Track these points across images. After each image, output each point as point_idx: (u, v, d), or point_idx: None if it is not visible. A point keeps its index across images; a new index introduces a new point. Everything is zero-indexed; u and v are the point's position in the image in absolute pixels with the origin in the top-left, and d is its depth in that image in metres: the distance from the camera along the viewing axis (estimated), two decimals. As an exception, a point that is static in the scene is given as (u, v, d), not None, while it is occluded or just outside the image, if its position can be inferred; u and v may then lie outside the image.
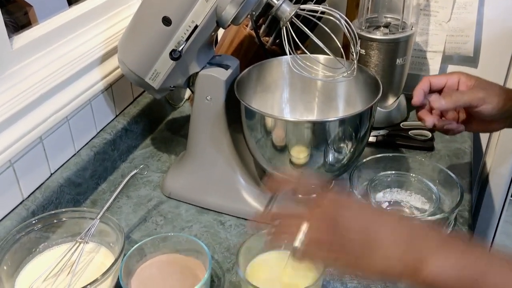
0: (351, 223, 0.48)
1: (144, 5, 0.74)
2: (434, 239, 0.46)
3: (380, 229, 0.47)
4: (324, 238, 0.48)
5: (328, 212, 0.50)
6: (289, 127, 0.71)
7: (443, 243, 0.45)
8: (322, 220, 0.49)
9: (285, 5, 0.70)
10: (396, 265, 0.45)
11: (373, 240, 0.46)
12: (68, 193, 0.79)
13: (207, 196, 0.82)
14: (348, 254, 0.47)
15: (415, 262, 0.44)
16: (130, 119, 0.94)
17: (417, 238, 0.46)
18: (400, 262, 0.45)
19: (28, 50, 0.76)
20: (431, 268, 0.43)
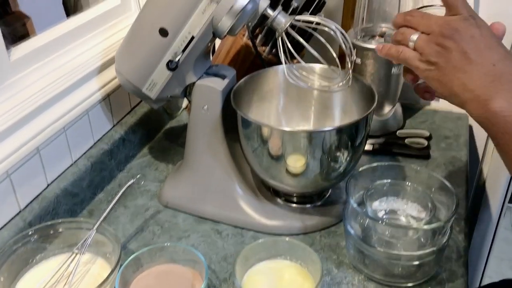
0: (471, 40, 0.50)
1: (141, 16, 0.75)
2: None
3: (484, 55, 0.49)
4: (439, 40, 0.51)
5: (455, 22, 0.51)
6: (285, 136, 0.71)
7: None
8: (448, 24, 0.51)
9: (281, 16, 0.71)
10: (475, 89, 0.49)
11: (473, 61, 0.49)
12: (65, 203, 0.79)
13: (204, 205, 0.82)
14: (447, 63, 0.50)
15: (489, 93, 0.48)
16: (128, 128, 0.94)
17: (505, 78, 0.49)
18: (479, 88, 0.49)
19: (26, 61, 0.77)
20: (499, 103, 0.47)
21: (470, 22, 0.51)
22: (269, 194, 0.83)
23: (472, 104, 0.50)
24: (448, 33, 0.50)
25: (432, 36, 0.52)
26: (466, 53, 0.49)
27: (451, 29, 0.50)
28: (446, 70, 0.51)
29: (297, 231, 0.79)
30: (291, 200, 0.82)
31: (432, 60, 0.51)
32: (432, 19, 0.53)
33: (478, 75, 0.49)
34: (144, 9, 0.74)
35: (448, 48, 0.50)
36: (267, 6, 0.71)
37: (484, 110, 0.49)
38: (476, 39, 0.50)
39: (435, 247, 0.65)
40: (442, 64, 0.51)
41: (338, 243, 0.77)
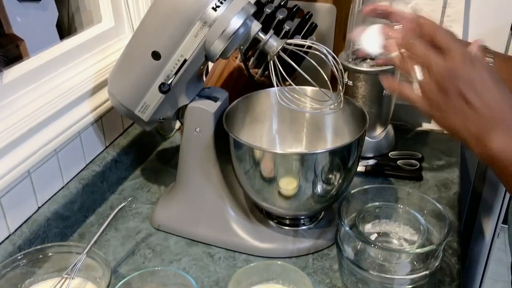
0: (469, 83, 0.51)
1: (134, 39, 0.75)
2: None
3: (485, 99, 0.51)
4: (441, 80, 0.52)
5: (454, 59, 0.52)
6: (277, 159, 0.71)
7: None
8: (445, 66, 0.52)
9: (272, 39, 0.72)
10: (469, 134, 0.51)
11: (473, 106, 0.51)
12: (55, 226, 0.78)
13: (196, 228, 0.81)
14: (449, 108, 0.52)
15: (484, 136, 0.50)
16: (120, 150, 0.94)
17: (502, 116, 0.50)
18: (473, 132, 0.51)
19: (19, 84, 0.77)
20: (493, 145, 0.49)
21: (468, 65, 0.52)
22: (261, 216, 0.83)
23: (472, 143, 0.51)
24: (448, 78, 0.52)
25: (433, 77, 0.53)
26: (466, 97, 0.51)
27: (451, 74, 0.52)
28: (447, 112, 0.52)
29: (290, 254, 0.78)
30: (284, 223, 0.82)
31: (434, 102, 0.53)
32: (433, 58, 0.53)
33: (477, 117, 0.51)
34: (137, 32, 0.75)
35: (449, 92, 0.52)
36: (259, 30, 0.71)
37: (484, 149, 0.50)
38: (475, 82, 0.51)
39: (428, 271, 0.65)
40: (443, 107, 0.52)
41: (331, 266, 0.76)
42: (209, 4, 0.68)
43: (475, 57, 0.53)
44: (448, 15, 0.98)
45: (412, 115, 1.13)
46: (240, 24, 0.68)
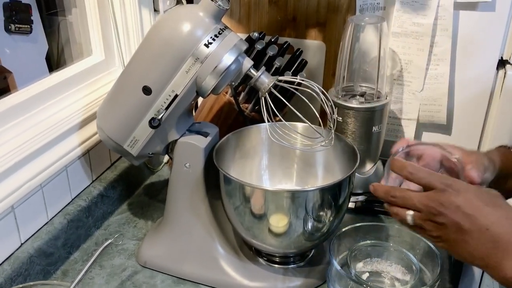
0: (457, 211, 0.51)
1: (125, 74, 0.75)
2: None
3: (478, 222, 0.50)
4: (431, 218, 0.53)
5: (437, 195, 0.53)
6: (268, 196, 0.70)
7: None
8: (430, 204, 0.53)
9: (264, 76, 0.72)
10: (483, 256, 0.50)
11: (469, 231, 0.50)
12: (38, 263, 0.76)
13: (184, 265, 0.79)
14: (447, 236, 0.52)
15: (499, 257, 0.49)
16: (107, 184, 0.92)
17: (505, 240, 0.49)
18: (487, 256, 0.50)
19: (5, 117, 0.76)
20: (508, 273, 0.48)
21: (449, 192, 0.53)
22: (251, 253, 0.81)
23: (488, 270, 0.51)
24: (435, 210, 0.52)
25: (423, 214, 0.54)
26: (459, 224, 0.51)
27: (436, 205, 0.52)
28: (449, 242, 0.52)
29: (281, 293, 0.76)
30: (274, 260, 0.80)
31: (434, 234, 0.53)
32: (414, 199, 0.55)
33: (478, 243, 0.50)
34: (128, 66, 0.75)
35: (442, 223, 0.52)
36: (251, 67, 0.72)
37: (500, 276, 0.50)
38: (462, 207, 0.51)
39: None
40: (444, 237, 0.53)
41: (322, 305, 0.75)
42: (201, 40, 0.68)
43: (453, 181, 0.54)
44: (435, 54, 1.00)
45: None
46: (232, 61, 0.69)
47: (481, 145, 1.08)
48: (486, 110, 1.03)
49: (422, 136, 1.11)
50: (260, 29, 1.02)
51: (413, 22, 0.98)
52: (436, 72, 1.01)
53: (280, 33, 1.04)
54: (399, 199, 0.57)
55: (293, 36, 1.07)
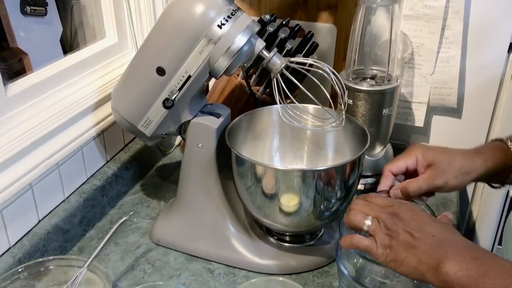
0: (411, 222, 0.58)
1: (139, 55, 0.76)
2: (458, 245, 0.55)
3: (426, 231, 0.57)
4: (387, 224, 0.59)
5: (394, 208, 0.60)
6: (279, 175, 0.72)
7: (462, 249, 0.54)
8: (388, 213, 0.60)
9: (276, 57, 0.73)
10: (424, 266, 0.55)
11: (418, 238, 0.56)
12: (55, 240, 0.78)
13: (196, 243, 0.81)
14: (399, 244, 0.57)
15: (436, 263, 0.53)
16: (121, 165, 0.94)
17: (446, 244, 0.55)
18: (427, 262, 0.54)
19: (22, 97, 0.77)
20: (448, 268, 0.52)
21: (406, 207, 0.61)
22: (261, 232, 0.83)
23: (429, 273, 0.55)
24: (393, 219, 0.59)
25: (381, 222, 0.59)
26: (411, 232, 0.57)
27: (394, 215, 0.59)
28: (399, 249, 0.57)
29: (290, 271, 0.78)
30: (284, 239, 0.82)
31: (386, 243, 0.58)
32: (375, 207, 0.61)
33: (425, 248, 0.56)
34: (142, 48, 0.76)
35: (396, 231, 0.58)
36: (263, 48, 0.73)
37: (439, 276, 0.53)
38: (414, 219, 0.59)
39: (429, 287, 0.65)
40: (395, 246, 0.57)
41: (331, 283, 0.76)
42: (214, 21, 0.69)
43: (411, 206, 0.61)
44: (447, 37, 1.00)
45: (411, 135, 1.15)
46: (245, 42, 0.70)
47: (491, 128, 1.08)
48: (497, 95, 1.04)
49: (433, 120, 1.11)
50: (271, 12, 1.03)
51: (424, 4, 0.98)
52: (447, 55, 1.01)
53: (291, 15, 1.05)
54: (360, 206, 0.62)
55: (304, 19, 1.08)
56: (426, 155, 0.71)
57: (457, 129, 1.10)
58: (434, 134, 1.13)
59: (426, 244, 0.56)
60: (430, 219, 0.59)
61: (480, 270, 0.51)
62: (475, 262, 0.52)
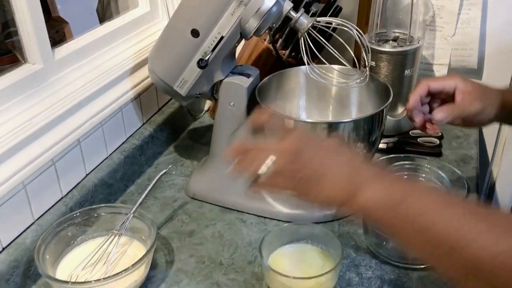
0: (312, 156, 0.55)
1: (174, 19, 0.81)
2: (371, 172, 0.54)
3: (332, 164, 0.55)
4: (287, 167, 0.55)
5: (292, 145, 0.56)
6: (307, 128, 0.76)
7: (378, 175, 0.53)
8: (287, 151, 0.55)
9: (303, 17, 0.77)
10: (338, 194, 0.53)
11: (325, 173, 0.54)
12: (101, 192, 0.85)
13: (229, 196, 0.87)
14: (304, 183, 0.54)
15: (352, 190, 0.52)
16: (156, 126, 1.01)
17: (358, 171, 0.54)
18: (342, 191, 0.53)
19: (68, 61, 0.84)
20: (364, 195, 0.51)
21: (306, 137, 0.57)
22: (290, 186, 0.88)
23: (346, 205, 0.53)
24: (296, 151, 0.54)
25: (278, 167, 0.55)
26: (320, 162, 0.54)
27: (293, 153, 0.54)
28: (307, 188, 0.54)
29: (317, 220, 0.83)
30: (311, 192, 0.87)
31: (290, 185, 0.55)
32: (271, 150, 0.55)
33: (335, 182, 0.53)
34: (176, 12, 0.81)
35: (301, 165, 0.54)
36: (291, 9, 0.77)
37: (357, 207, 0.52)
38: (323, 146, 0.56)
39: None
40: (301, 186, 0.54)
41: (356, 231, 0.82)
42: (245, -16, 0.73)
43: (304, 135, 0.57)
44: (468, -1, 1.03)
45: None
46: (274, 3, 0.74)
47: (511, 90, 1.11)
48: None
49: (453, 81, 1.14)
50: (295, -21, 1.06)
51: (446, -33, 1.00)
52: (468, 17, 1.04)
53: (315, -19, 1.08)
54: (254, 152, 0.57)
55: (328, -15, 1.11)
56: (466, 82, 0.71)
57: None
58: (455, 96, 1.16)
59: (336, 179, 0.53)
60: (331, 153, 0.56)
61: (398, 194, 0.50)
62: (392, 187, 0.51)
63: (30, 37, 0.76)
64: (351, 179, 0.53)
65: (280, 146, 0.56)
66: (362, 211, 0.53)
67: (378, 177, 0.53)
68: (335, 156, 0.56)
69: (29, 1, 0.74)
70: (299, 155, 0.55)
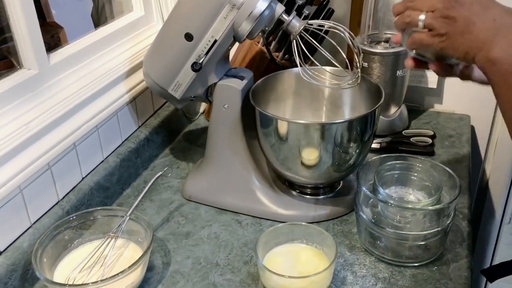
0: (471, 5, 0.57)
1: (168, 23, 0.82)
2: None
3: (486, 15, 0.57)
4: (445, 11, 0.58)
5: None
6: (300, 129, 0.78)
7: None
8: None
9: (295, 20, 0.78)
10: (476, 48, 0.56)
11: (477, 23, 0.56)
12: (97, 195, 0.86)
13: (224, 197, 0.88)
14: (454, 30, 0.57)
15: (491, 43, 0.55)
16: (151, 130, 1.02)
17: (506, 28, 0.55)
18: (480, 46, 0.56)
19: (63, 65, 0.84)
20: (499, 48, 0.54)
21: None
22: (284, 186, 0.90)
23: (478, 57, 0.57)
24: (450, 5, 0.58)
25: (437, 11, 0.59)
26: (469, 18, 0.57)
27: (452, 3, 0.58)
28: (455, 36, 0.58)
29: (312, 220, 0.84)
30: (305, 192, 0.88)
31: (442, 32, 0.59)
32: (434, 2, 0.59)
33: (481, 32, 0.56)
34: (170, 16, 0.82)
35: (453, 17, 0.57)
36: (283, 12, 0.78)
37: (486, 61, 0.56)
38: (474, 3, 0.57)
39: (440, 228, 0.71)
40: (451, 33, 0.58)
41: (350, 230, 0.83)
42: (237, -12, 0.74)
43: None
44: (458, 0, 1.04)
45: (424, 96, 1.19)
46: (266, 6, 0.75)
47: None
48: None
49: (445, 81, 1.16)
50: (288, -18, 1.07)
51: (436, -32, 1.01)
52: (458, 18, 1.05)
53: (307, -16, 1.09)
54: (417, 1, 0.61)
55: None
56: None
57: (469, 90, 1.14)
58: (447, 96, 1.18)
59: (483, 29, 0.56)
60: (491, 2, 0.58)
61: None
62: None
63: (25, 42, 0.77)
64: (496, 33, 0.55)
65: None
66: (489, 67, 0.55)
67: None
68: (488, 8, 0.57)
69: (24, 7, 0.75)
70: (457, 1, 0.57)
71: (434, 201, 0.73)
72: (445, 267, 0.74)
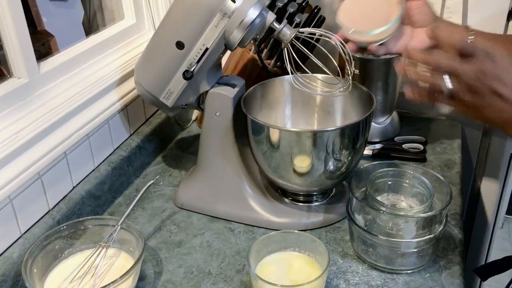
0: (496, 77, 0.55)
1: (159, 31, 0.82)
2: None
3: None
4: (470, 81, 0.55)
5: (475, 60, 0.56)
6: (292, 137, 0.78)
7: None
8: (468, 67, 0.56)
9: (286, 28, 0.78)
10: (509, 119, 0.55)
11: (504, 96, 0.55)
12: (88, 204, 0.85)
13: (217, 205, 0.88)
14: (481, 102, 0.56)
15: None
16: (143, 137, 1.01)
17: None
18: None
19: (54, 74, 0.84)
20: None
21: (489, 59, 0.56)
22: (277, 194, 0.89)
23: (508, 128, 0.57)
24: (478, 80, 0.55)
25: (462, 82, 0.56)
26: (499, 93, 0.55)
27: (479, 75, 0.55)
28: (481, 108, 0.56)
29: (304, 227, 0.84)
30: (298, 199, 0.88)
31: (468, 103, 0.57)
32: (459, 66, 0.56)
33: (510, 106, 0.55)
34: (161, 24, 0.82)
35: (481, 91, 0.55)
36: (274, 20, 0.78)
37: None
38: (502, 77, 0.55)
39: (432, 234, 0.71)
40: (478, 105, 0.56)
41: (342, 237, 0.83)
42: (228, -3, 0.74)
43: (493, 53, 0.56)
44: (448, 7, 1.05)
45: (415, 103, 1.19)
46: (257, 15, 0.75)
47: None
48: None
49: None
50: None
51: (426, -24, 1.02)
52: (448, 23, 1.06)
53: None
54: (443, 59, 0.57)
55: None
56: None
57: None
58: (438, 102, 1.18)
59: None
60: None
61: None
62: None
63: (15, 51, 0.76)
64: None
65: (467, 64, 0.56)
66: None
67: None
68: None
69: (13, 15, 0.74)
70: (486, 76, 0.55)
71: (426, 208, 0.73)
72: (437, 274, 0.74)
